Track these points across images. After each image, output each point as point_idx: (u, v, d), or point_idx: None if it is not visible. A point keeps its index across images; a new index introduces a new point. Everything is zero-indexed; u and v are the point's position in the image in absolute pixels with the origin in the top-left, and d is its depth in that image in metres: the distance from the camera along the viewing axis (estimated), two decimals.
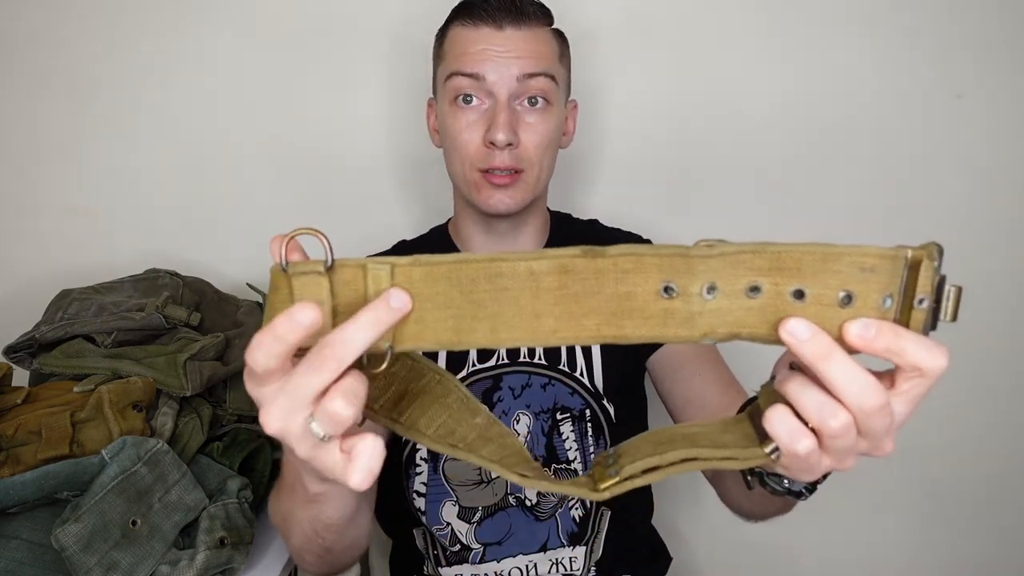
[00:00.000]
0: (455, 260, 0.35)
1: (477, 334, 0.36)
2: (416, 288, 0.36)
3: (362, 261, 0.36)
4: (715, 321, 0.35)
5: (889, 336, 0.34)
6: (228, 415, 0.81)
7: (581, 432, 0.78)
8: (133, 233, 1.07)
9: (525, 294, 0.35)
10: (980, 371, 1.08)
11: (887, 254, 0.34)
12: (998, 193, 1.05)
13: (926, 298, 0.35)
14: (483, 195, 0.76)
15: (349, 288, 0.36)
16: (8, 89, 1.05)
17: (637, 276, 0.35)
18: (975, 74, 1.02)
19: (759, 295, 0.34)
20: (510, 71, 0.73)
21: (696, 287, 0.34)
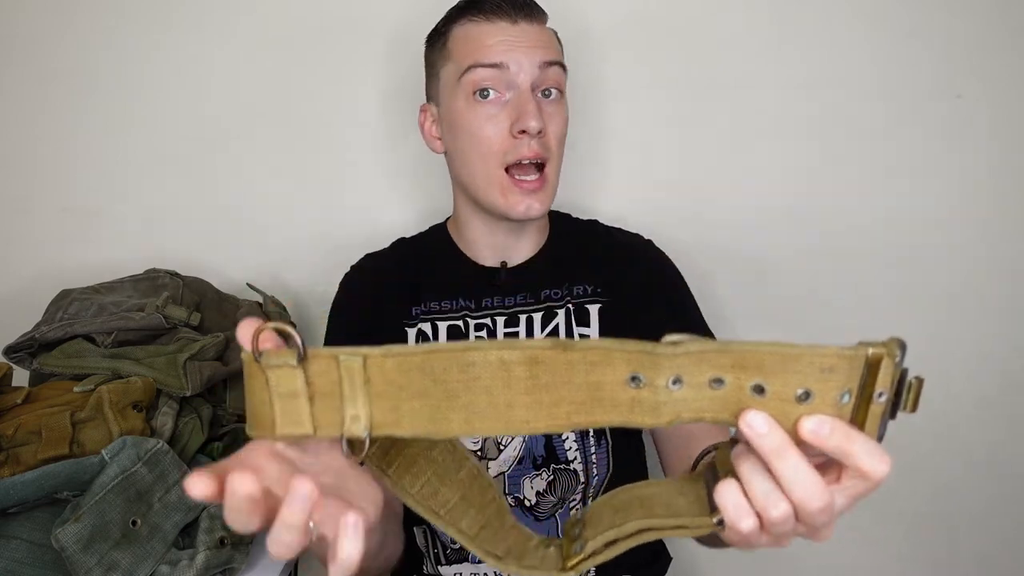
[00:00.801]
0: (427, 351, 0.36)
1: (452, 424, 0.37)
2: (390, 378, 0.37)
3: (334, 351, 0.36)
4: (680, 408, 0.37)
5: (840, 437, 0.35)
6: (228, 415, 0.81)
7: (582, 433, 0.78)
8: (133, 233, 1.07)
9: (497, 384, 0.36)
10: (980, 371, 1.08)
11: (846, 355, 0.35)
12: (998, 193, 1.04)
13: (885, 392, 0.35)
14: (511, 201, 0.75)
15: (324, 378, 0.37)
16: (8, 89, 1.05)
17: (605, 368, 0.36)
18: (975, 74, 1.02)
19: (722, 387, 0.36)
20: (532, 60, 0.74)
21: (662, 380, 0.36)
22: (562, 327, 0.82)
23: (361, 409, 0.37)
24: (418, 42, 0.84)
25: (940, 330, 1.08)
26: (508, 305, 0.83)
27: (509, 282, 0.84)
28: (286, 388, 0.37)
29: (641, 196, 1.07)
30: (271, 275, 1.07)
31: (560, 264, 0.85)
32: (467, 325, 0.82)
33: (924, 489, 1.12)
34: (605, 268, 0.85)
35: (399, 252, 0.91)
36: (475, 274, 0.85)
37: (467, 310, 0.83)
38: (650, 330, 0.81)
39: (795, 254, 1.07)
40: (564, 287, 0.83)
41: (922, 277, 1.07)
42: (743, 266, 1.07)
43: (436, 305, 0.83)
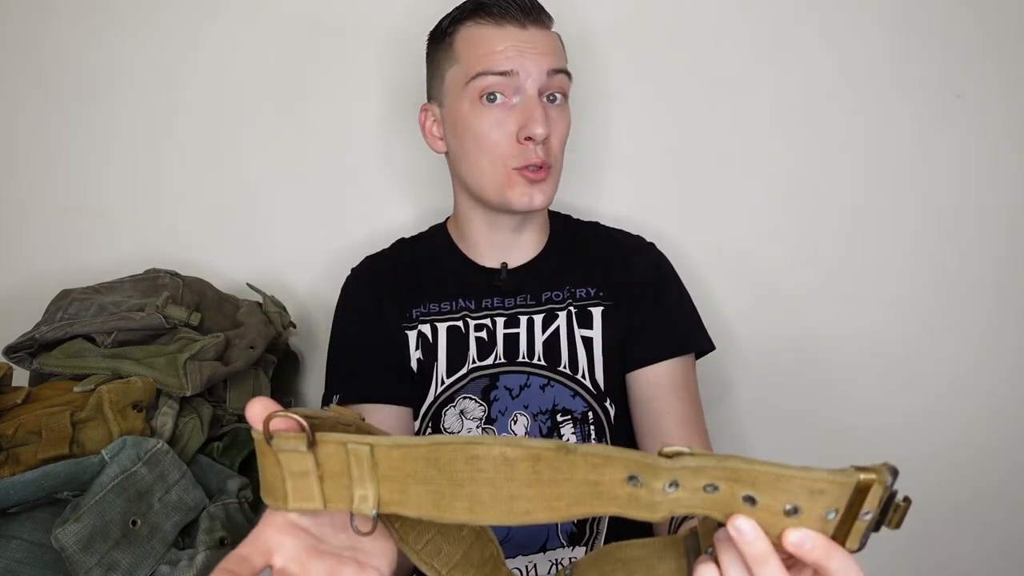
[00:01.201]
0: (432, 443, 0.38)
1: (456, 511, 0.39)
2: (396, 465, 0.38)
3: (343, 439, 0.38)
4: (674, 506, 0.38)
5: (821, 552, 0.37)
6: (228, 415, 0.81)
7: (584, 435, 0.78)
8: (133, 233, 1.07)
9: (500, 477, 0.38)
10: (979, 371, 1.08)
11: (837, 480, 0.36)
12: (998, 193, 1.04)
13: (871, 512, 0.37)
14: (517, 192, 0.76)
15: (333, 460, 0.39)
16: (9, 89, 1.05)
17: (606, 468, 0.38)
18: (975, 74, 1.02)
19: (716, 492, 0.38)
20: (540, 67, 0.74)
21: (659, 484, 0.38)
22: (563, 329, 0.81)
23: (369, 490, 0.39)
24: (419, 43, 0.84)
25: (938, 329, 1.08)
26: (508, 306, 0.83)
27: (510, 283, 0.84)
28: (297, 468, 0.39)
29: (640, 196, 1.07)
30: (271, 275, 1.07)
31: (561, 266, 0.85)
32: (467, 326, 0.82)
33: (927, 487, 1.11)
34: (607, 271, 0.85)
35: (399, 253, 0.91)
36: (475, 275, 0.85)
37: (467, 311, 0.83)
38: (650, 334, 0.81)
39: (794, 254, 1.07)
40: (566, 289, 0.83)
41: (921, 276, 1.07)
42: (742, 266, 1.07)
43: (436, 306, 0.84)
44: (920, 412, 1.10)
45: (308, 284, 1.08)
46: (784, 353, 1.09)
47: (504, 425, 0.78)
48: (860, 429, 1.09)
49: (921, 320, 1.08)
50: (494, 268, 0.85)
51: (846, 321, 1.08)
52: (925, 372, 1.09)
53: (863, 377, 1.09)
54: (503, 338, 0.81)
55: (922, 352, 1.08)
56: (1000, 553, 1.13)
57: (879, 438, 1.09)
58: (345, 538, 0.43)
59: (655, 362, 0.81)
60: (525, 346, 0.81)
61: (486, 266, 0.85)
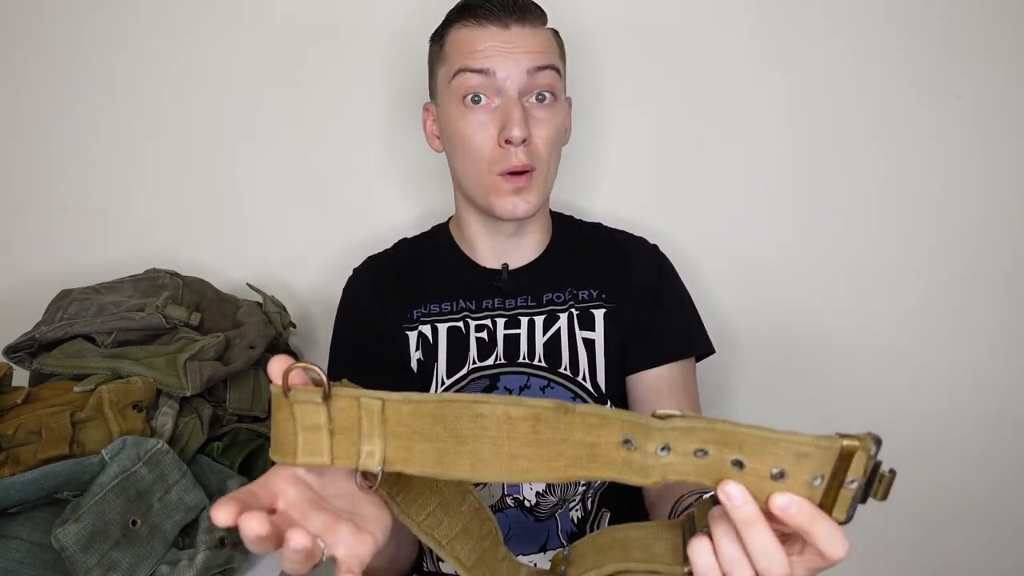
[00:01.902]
0: (440, 400, 0.39)
1: (459, 468, 0.40)
2: (404, 421, 0.40)
3: (356, 392, 0.40)
4: (666, 471, 0.40)
5: (806, 516, 0.38)
6: (228, 415, 0.81)
7: None
8: (133, 233, 1.07)
9: (502, 435, 0.39)
10: (980, 372, 1.08)
11: (821, 444, 0.38)
12: (998, 193, 1.04)
13: (857, 480, 0.38)
14: (501, 200, 0.76)
15: (345, 414, 0.40)
16: (9, 90, 1.05)
17: (602, 430, 0.39)
18: (975, 74, 1.02)
19: (705, 457, 0.39)
20: (520, 66, 0.73)
21: (652, 447, 0.39)
22: (564, 331, 0.81)
23: (376, 446, 0.40)
24: (420, 42, 0.84)
25: (940, 329, 1.08)
26: (509, 307, 0.83)
27: (510, 284, 0.84)
28: (310, 421, 0.40)
29: (638, 196, 1.07)
30: (271, 275, 1.07)
31: (563, 267, 0.85)
32: (467, 326, 0.82)
33: (926, 484, 1.12)
34: (609, 272, 0.85)
35: (401, 253, 0.91)
36: (476, 275, 0.85)
37: (468, 311, 0.83)
38: (651, 337, 0.81)
39: (792, 254, 1.07)
40: (567, 291, 0.83)
41: (922, 277, 1.07)
42: (740, 266, 1.07)
43: (436, 307, 0.84)
44: (922, 413, 1.10)
45: (308, 284, 1.08)
46: (784, 354, 1.09)
47: None
48: (860, 430, 1.09)
49: (922, 320, 1.08)
50: (495, 269, 0.85)
51: (846, 322, 1.08)
52: (926, 373, 1.09)
53: (864, 378, 1.09)
54: (503, 339, 0.81)
55: (923, 353, 1.08)
56: (1006, 553, 1.13)
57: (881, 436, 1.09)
58: (345, 502, 0.44)
59: (655, 366, 0.81)
60: (526, 347, 0.81)
61: (487, 267, 0.85)
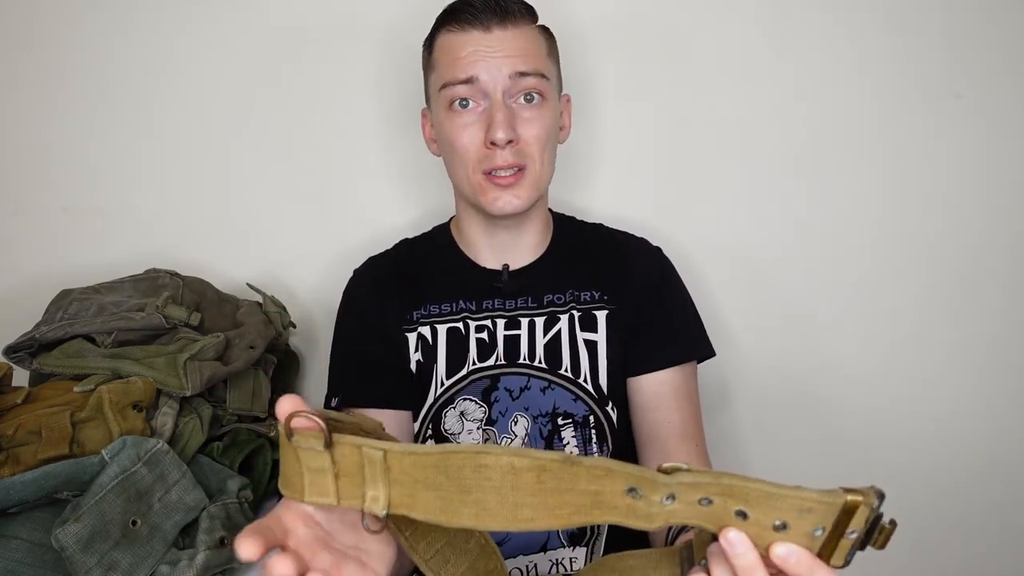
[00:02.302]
0: (443, 451, 0.40)
1: (463, 517, 0.40)
2: (407, 471, 0.40)
3: (358, 442, 0.41)
4: (670, 518, 0.40)
5: (804, 567, 0.39)
6: (228, 415, 0.81)
7: (585, 438, 0.78)
8: (133, 233, 1.07)
9: (506, 485, 0.40)
10: (980, 372, 1.08)
11: (825, 500, 0.38)
12: (998, 193, 1.04)
13: (857, 531, 0.39)
14: (489, 197, 0.76)
15: (348, 460, 0.41)
16: (9, 89, 1.05)
17: (606, 480, 0.40)
18: (975, 74, 1.02)
19: (710, 505, 0.40)
20: (502, 71, 0.74)
21: (657, 497, 0.40)
22: (565, 332, 0.81)
23: (380, 491, 0.41)
24: (418, 44, 0.84)
25: (940, 332, 1.08)
26: (509, 308, 0.83)
27: (511, 284, 0.84)
28: (314, 464, 0.41)
29: (637, 196, 1.07)
30: (271, 275, 1.07)
31: (564, 268, 0.85)
32: (467, 327, 0.82)
33: (925, 489, 1.11)
34: (611, 274, 0.85)
35: (401, 254, 0.91)
36: (477, 276, 0.85)
37: (467, 312, 0.83)
38: (653, 341, 0.81)
39: (793, 254, 1.07)
40: (568, 292, 0.83)
41: (922, 278, 1.07)
42: (740, 266, 1.07)
43: (436, 308, 0.84)
44: (923, 416, 1.10)
45: (309, 284, 1.08)
46: (784, 356, 1.09)
47: (504, 426, 0.78)
48: (859, 432, 1.09)
49: (922, 323, 1.08)
50: (495, 269, 0.85)
51: (845, 323, 1.08)
52: (927, 375, 1.09)
53: (863, 381, 1.09)
54: (503, 339, 0.81)
55: (922, 355, 1.08)
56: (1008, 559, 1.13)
57: (878, 443, 1.09)
58: (351, 538, 0.45)
59: (658, 369, 0.81)
60: (526, 348, 0.81)
61: (487, 267, 0.85)
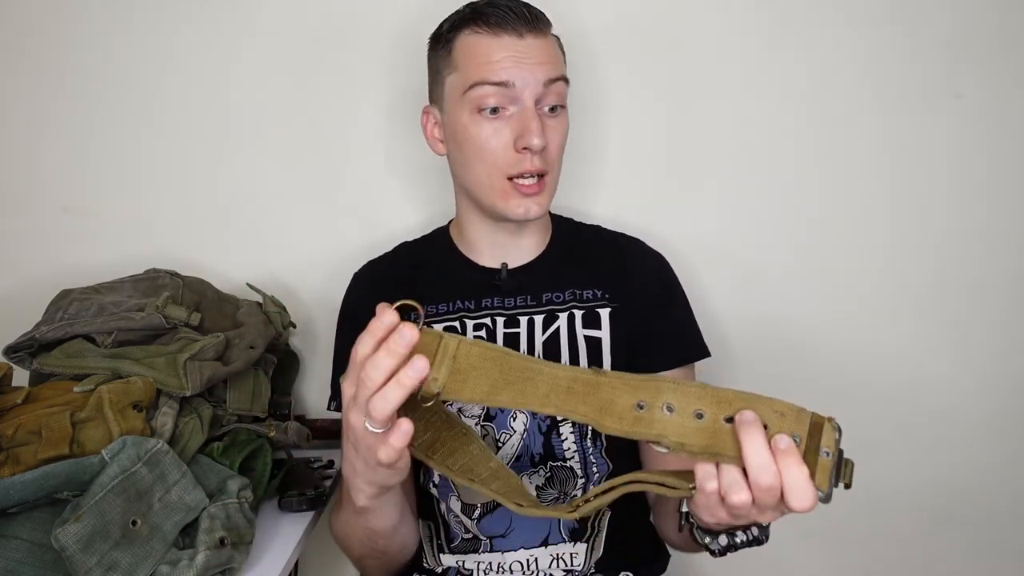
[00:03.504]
0: (505, 352, 0.52)
1: (503, 399, 0.51)
2: (471, 360, 0.51)
3: (442, 333, 0.52)
4: (667, 430, 0.48)
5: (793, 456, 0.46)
6: (228, 415, 0.81)
7: (580, 435, 0.79)
8: (133, 233, 1.07)
9: (543, 386, 0.51)
10: (980, 372, 1.08)
11: (794, 408, 0.48)
12: (998, 193, 1.04)
13: (830, 452, 0.47)
14: (512, 204, 0.77)
15: (427, 348, 0.51)
16: (9, 89, 1.05)
17: (621, 392, 0.50)
18: (975, 74, 1.02)
19: (702, 420, 0.48)
20: (536, 77, 0.74)
21: (659, 404, 0.49)
22: (564, 330, 0.82)
23: (442, 375, 0.50)
24: (422, 44, 0.84)
25: (939, 332, 1.08)
26: (508, 306, 0.83)
27: (510, 283, 0.84)
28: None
29: (635, 200, 1.07)
30: (271, 275, 1.07)
31: (563, 268, 0.86)
32: (464, 326, 0.82)
33: (925, 490, 1.12)
34: (612, 274, 0.85)
35: (400, 256, 0.91)
36: (475, 274, 0.85)
37: (465, 311, 0.83)
38: (654, 344, 0.82)
39: (790, 255, 1.07)
40: (568, 291, 0.84)
41: (921, 279, 1.07)
42: (737, 270, 1.07)
43: (433, 308, 0.84)
44: (920, 420, 1.10)
45: (309, 284, 1.08)
46: (780, 358, 1.09)
47: (504, 422, 0.79)
48: (859, 433, 1.09)
49: (922, 325, 1.08)
50: (494, 268, 0.85)
51: (842, 321, 1.08)
52: (926, 379, 1.09)
53: (862, 382, 1.09)
54: (503, 337, 0.82)
55: (922, 357, 1.08)
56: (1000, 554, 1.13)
57: (878, 445, 1.09)
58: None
59: (659, 372, 0.82)
60: (525, 346, 0.81)
61: (486, 266, 0.85)
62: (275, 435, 0.83)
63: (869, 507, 1.11)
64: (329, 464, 0.94)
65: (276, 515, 0.81)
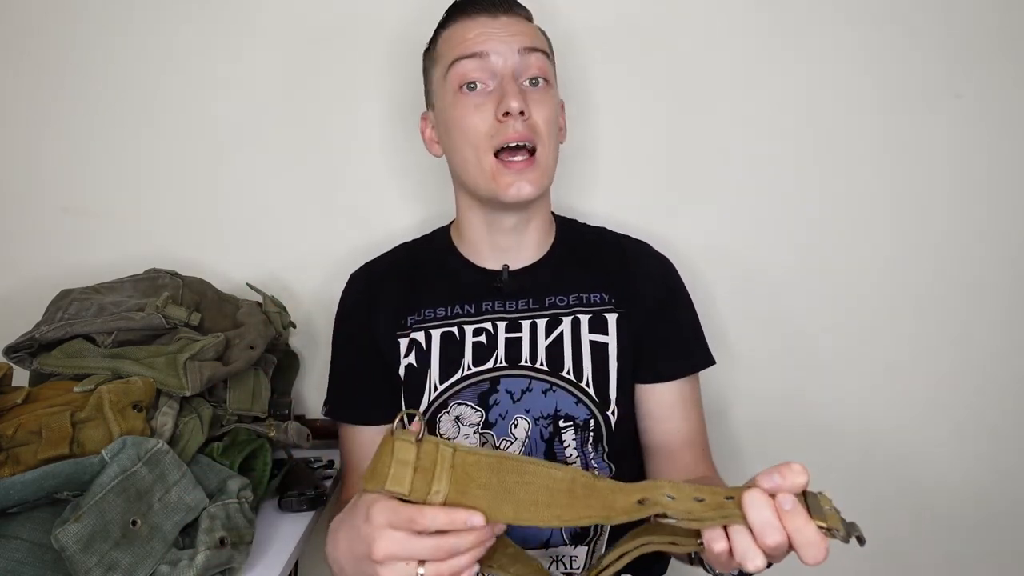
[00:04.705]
0: (498, 456, 0.53)
1: (504, 513, 0.52)
2: (467, 470, 0.52)
3: (437, 440, 0.53)
4: (671, 509, 0.50)
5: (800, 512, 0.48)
6: (228, 415, 0.81)
7: (582, 440, 0.78)
8: (133, 233, 1.07)
9: (543, 492, 0.52)
10: (980, 372, 1.08)
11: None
12: (998, 193, 1.04)
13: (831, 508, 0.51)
14: (502, 183, 0.75)
15: (428, 456, 0.52)
16: (9, 89, 1.05)
17: (620, 494, 0.52)
18: (975, 74, 1.02)
19: (703, 502, 0.50)
20: (511, 47, 0.76)
21: (660, 496, 0.51)
22: (567, 335, 0.81)
23: (443, 487, 0.52)
24: (420, 45, 0.84)
25: (940, 334, 1.08)
26: (510, 310, 0.83)
27: (511, 284, 0.83)
28: (403, 456, 0.52)
29: (634, 198, 1.07)
30: (271, 275, 1.07)
31: (567, 270, 0.85)
32: (463, 332, 0.82)
33: (925, 493, 1.12)
34: (617, 278, 0.84)
35: (398, 257, 0.91)
36: (476, 277, 0.85)
37: (465, 316, 0.82)
38: (663, 352, 0.82)
39: (790, 256, 1.07)
40: (572, 295, 0.83)
41: (921, 279, 1.07)
42: (736, 268, 1.07)
43: (431, 312, 0.83)
44: (921, 422, 1.10)
45: (309, 284, 1.08)
46: (781, 360, 1.09)
47: (504, 429, 0.78)
48: (858, 435, 1.09)
49: (923, 326, 1.08)
50: (495, 270, 0.85)
51: (842, 322, 1.08)
52: (926, 380, 1.09)
53: (862, 384, 1.09)
54: (504, 342, 0.81)
55: (923, 358, 1.08)
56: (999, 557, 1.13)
57: (877, 447, 1.09)
58: None
59: (668, 380, 0.82)
60: (528, 350, 0.81)
61: (487, 268, 0.85)
62: (275, 435, 0.83)
63: (869, 507, 1.10)
64: (329, 464, 0.94)
65: (276, 515, 0.81)
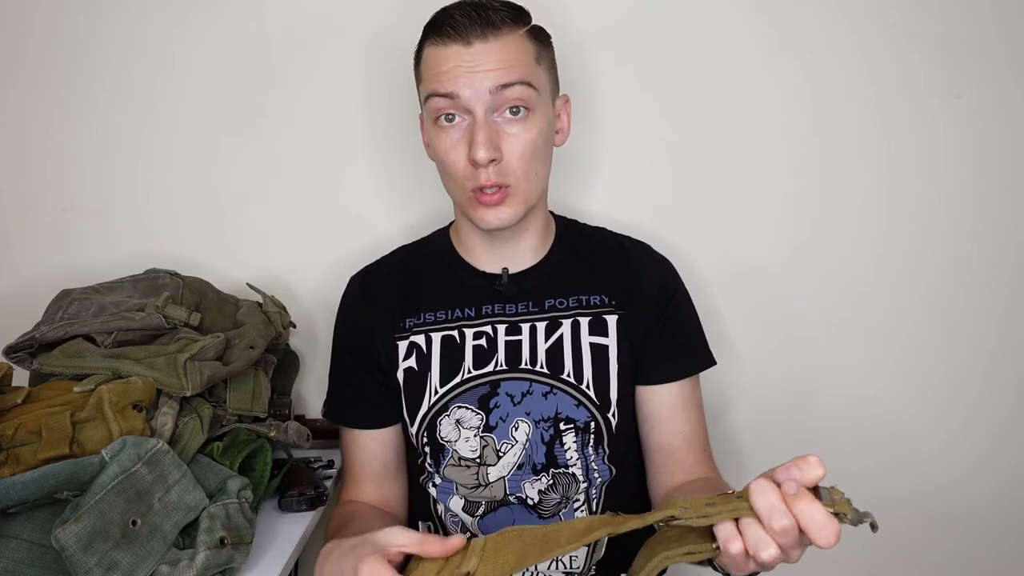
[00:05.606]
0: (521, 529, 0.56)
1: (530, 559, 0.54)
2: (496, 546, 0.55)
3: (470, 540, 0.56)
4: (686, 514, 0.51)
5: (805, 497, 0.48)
6: (228, 415, 0.81)
7: (583, 443, 0.79)
8: (133, 233, 1.07)
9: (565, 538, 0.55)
10: (980, 372, 1.08)
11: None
12: (997, 193, 1.04)
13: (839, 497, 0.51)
14: (478, 214, 0.76)
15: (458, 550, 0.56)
16: (9, 89, 1.05)
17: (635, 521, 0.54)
18: (975, 74, 1.02)
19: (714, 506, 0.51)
20: (483, 85, 0.71)
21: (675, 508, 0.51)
22: (567, 337, 0.81)
23: (473, 564, 0.54)
24: (414, 46, 0.84)
25: (941, 334, 1.08)
26: (510, 313, 0.82)
27: (511, 288, 0.83)
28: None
29: (634, 198, 1.07)
30: (271, 275, 1.07)
31: (567, 272, 0.85)
32: (463, 335, 0.82)
33: (926, 493, 1.12)
34: (618, 279, 0.84)
35: (398, 260, 0.90)
36: (476, 280, 0.85)
37: (465, 319, 0.82)
38: (664, 353, 0.82)
39: (790, 256, 1.07)
40: (572, 297, 0.83)
41: (921, 279, 1.07)
42: (736, 269, 1.07)
43: (431, 315, 0.83)
44: (921, 422, 1.10)
45: (309, 284, 1.08)
46: (781, 360, 1.09)
47: (505, 432, 0.78)
48: (858, 435, 1.09)
49: (923, 326, 1.08)
50: (495, 274, 0.84)
51: (842, 322, 1.08)
52: (927, 381, 1.09)
53: (862, 384, 1.09)
54: (505, 345, 0.81)
55: (923, 358, 1.08)
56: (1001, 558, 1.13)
57: (877, 447, 1.09)
58: None
59: (669, 381, 0.82)
60: (528, 353, 0.80)
61: (486, 271, 0.85)
62: (275, 435, 0.83)
63: (868, 507, 1.10)
64: (329, 464, 0.95)
65: (276, 515, 0.82)
